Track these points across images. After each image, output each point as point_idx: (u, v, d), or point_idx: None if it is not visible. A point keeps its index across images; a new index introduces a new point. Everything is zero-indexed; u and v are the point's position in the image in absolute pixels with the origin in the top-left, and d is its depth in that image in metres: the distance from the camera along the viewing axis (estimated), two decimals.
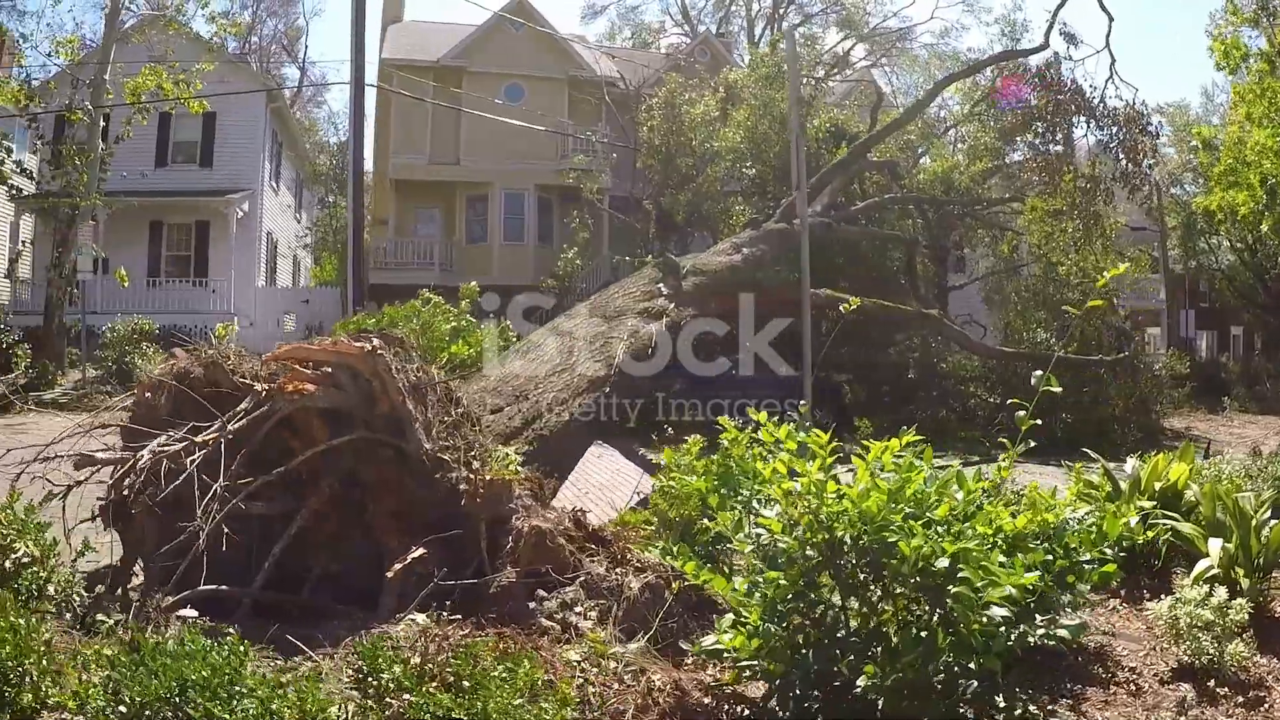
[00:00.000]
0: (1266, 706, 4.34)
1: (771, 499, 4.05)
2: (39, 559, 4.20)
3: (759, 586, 3.65)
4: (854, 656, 3.46)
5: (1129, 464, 6.88)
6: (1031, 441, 4.22)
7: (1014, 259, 22.70)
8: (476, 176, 30.47)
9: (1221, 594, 4.76)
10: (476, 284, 10.85)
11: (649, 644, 4.47)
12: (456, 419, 5.61)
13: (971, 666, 3.35)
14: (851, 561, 3.56)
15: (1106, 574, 3.85)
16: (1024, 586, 3.31)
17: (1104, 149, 18.32)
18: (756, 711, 3.99)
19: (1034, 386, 4.32)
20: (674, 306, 9.82)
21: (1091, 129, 18.12)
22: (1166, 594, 5.20)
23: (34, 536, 4.32)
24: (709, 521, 4.92)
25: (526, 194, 30.76)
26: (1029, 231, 19.45)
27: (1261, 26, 23.75)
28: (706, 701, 4.08)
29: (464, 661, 3.11)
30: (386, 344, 5.53)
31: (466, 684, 3.01)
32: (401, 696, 3.00)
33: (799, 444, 4.21)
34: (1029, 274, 21.19)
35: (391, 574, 4.84)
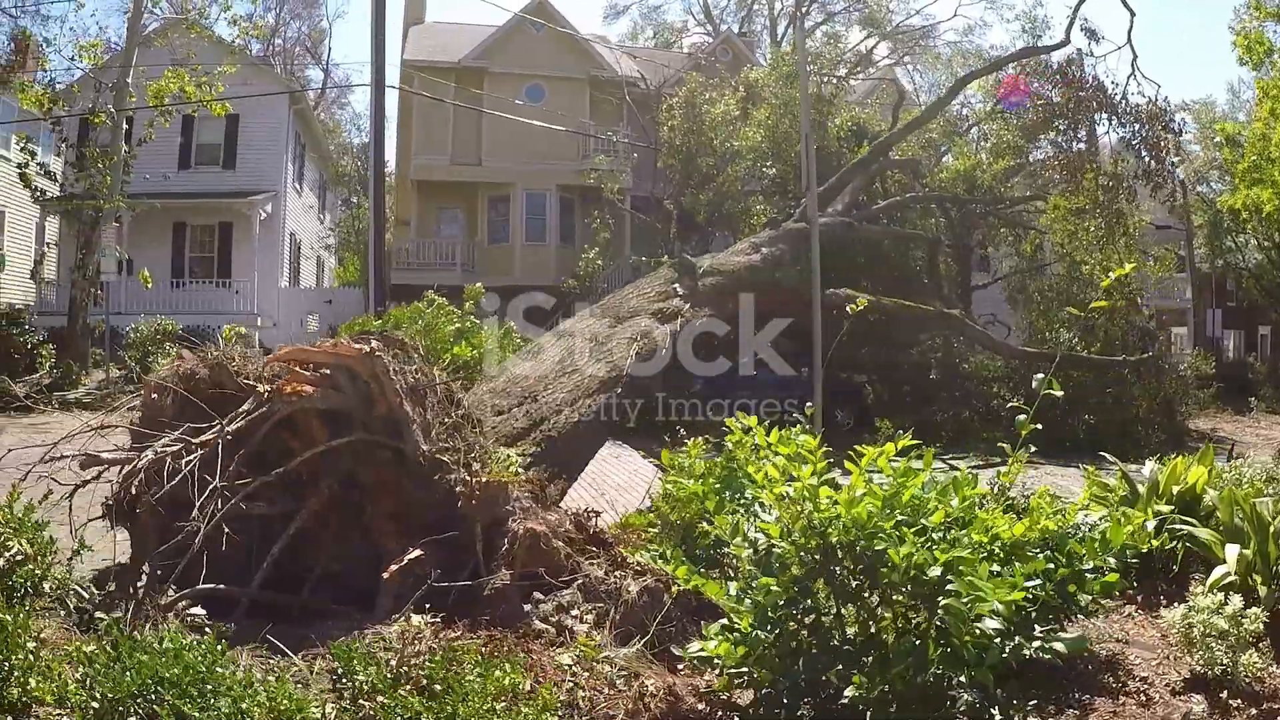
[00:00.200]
0: None
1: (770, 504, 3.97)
2: (32, 556, 4.20)
3: (750, 592, 3.58)
4: (846, 665, 3.37)
5: (1147, 467, 6.73)
6: (1033, 446, 4.12)
7: (1037, 258, 22.41)
8: (498, 177, 30.47)
9: (1237, 602, 4.59)
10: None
11: (646, 648, 4.41)
12: (457, 421, 5.58)
13: (963, 679, 3.25)
14: (846, 567, 3.48)
15: (1109, 584, 3.73)
16: (1012, 603, 3.19)
17: (1126, 146, 18.03)
18: (746, 719, 3.92)
19: (1044, 390, 4.22)
20: (689, 307, 9.73)
21: (1114, 126, 17.87)
22: (1183, 601, 5.04)
23: (30, 535, 4.32)
24: (708, 525, 4.85)
25: (548, 194, 30.73)
26: (1052, 230, 19.19)
27: None
28: (700, 707, 4.01)
29: (438, 665, 3.06)
30: (386, 346, 5.51)
31: (438, 688, 2.96)
32: (375, 699, 2.96)
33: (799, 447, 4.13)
34: (1052, 273, 20.93)
35: (388, 575, 4.81)
